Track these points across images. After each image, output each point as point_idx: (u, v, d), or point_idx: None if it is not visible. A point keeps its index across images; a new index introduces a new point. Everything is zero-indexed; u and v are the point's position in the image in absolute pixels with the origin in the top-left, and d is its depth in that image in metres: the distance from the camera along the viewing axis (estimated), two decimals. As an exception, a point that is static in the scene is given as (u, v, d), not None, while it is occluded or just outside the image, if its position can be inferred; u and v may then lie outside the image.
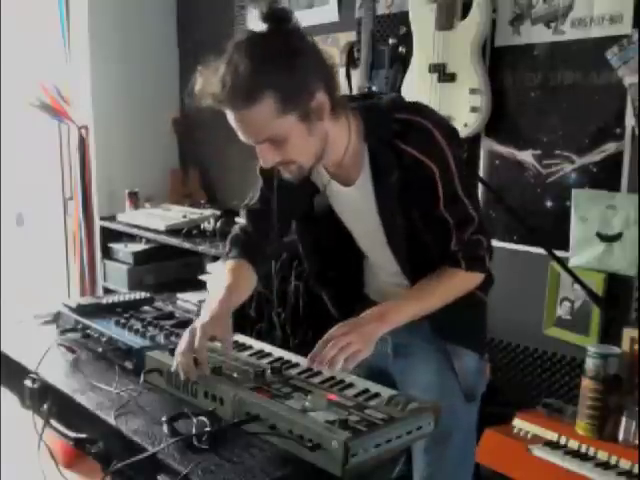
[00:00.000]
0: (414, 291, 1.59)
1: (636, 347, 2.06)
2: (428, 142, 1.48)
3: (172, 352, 1.54)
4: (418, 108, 1.57)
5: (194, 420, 1.30)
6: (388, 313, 1.52)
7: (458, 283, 1.58)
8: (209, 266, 3.11)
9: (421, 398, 1.39)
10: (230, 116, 1.42)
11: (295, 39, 1.42)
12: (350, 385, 1.43)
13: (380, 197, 1.54)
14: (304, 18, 3.17)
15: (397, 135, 1.48)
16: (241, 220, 1.77)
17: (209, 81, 1.40)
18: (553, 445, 2.03)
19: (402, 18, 2.67)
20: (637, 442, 1.94)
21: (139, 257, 3.37)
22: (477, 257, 1.57)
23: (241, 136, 1.46)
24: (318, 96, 1.41)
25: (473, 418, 1.71)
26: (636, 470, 1.85)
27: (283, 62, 1.37)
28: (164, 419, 1.33)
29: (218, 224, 3.06)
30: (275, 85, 1.35)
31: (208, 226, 3.09)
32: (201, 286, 3.11)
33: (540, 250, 2.31)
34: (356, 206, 1.60)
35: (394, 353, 1.72)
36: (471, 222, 1.54)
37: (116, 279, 3.43)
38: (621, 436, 1.98)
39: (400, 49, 2.67)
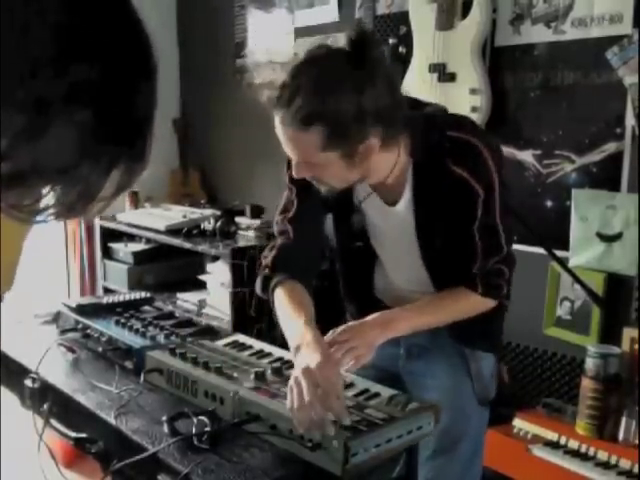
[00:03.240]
0: (424, 304, 1.57)
1: (636, 347, 2.06)
2: (480, 165, 1.44)
3: (172, 352, 1.55)
4: (470, 126, 1.52)
5: (194, 420, 1.30)
6: (393, 322, 1.50)
7: (470, 305, 1.57)
8: (209, 266, 3.11)
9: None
10: (279, 127, 1.38)
11: (371, 71, 1.33)
12: (350, 385, 1.43)
13: (420, 215, 1.51)
14: (304, 18, 3.21)
15: (449, 154, 1.43)
16: (279, 233, 1.67)
17: (272, 82, 1.35)
18: (553, 445, 2.03)
19: (402, 18, 2.67)
20: (637, 442, 1.94)
21: (139, 257, 3.37)
22: (496, 286, 1.56)
23: (282, 144, 1.42)
24: (370, 140, 1.35)
25: (484, 423, 1.69)
26: (636, 470, 1.85)
27: (344, 99, 1.30)
28: (164, 419, 1.33)
29: (218, 224, 3.05)
30: (326, 121, 1.31)
31: (208, 226, 3.09)
32: (201, 286, 3.11)
33: (540, 250, 2.31)
34: (396, 222, 1.56)
35: (407, 354, 1.69)
36: (500, 252, 1.53)
37: (116, 279, 3.43)
38: (621, 436, 1.98)
39: (400, 49, 2.68)
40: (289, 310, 1.51)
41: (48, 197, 0.55)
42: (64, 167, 0.53)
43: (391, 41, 2.71)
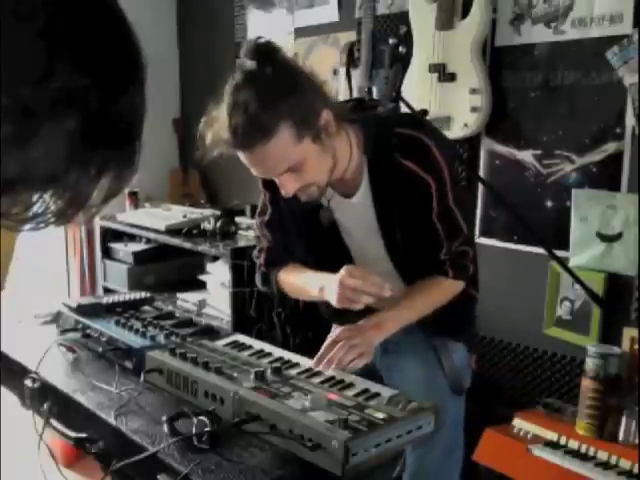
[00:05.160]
0: (406, 300, 1.64)
1: (636, 347, 2.06)
2: (426, 157, 1.54)
3: (172, 352, 1.55)
4: (417, 123, 1.64)
5: (194, 420, 1.30)
6: (384, 322, 1.59)
7: (444, 290, 1.66)
8: (209, 266, 3.11)
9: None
10: (246, 157, 1.46)
11: (287, 67, 1.46)
12: (350, 385, 1.43)
13: (379, 207, 1.60)
14: (304, 18, 3.21)
15: (397, 149, 1.54)
16: (260, 236, 1.81)
17: (218, 129, 1.44)
18: (553, 445, 2.03)
19: (402, 18, 2.67)
20: (637, 442, 1.94)
21: (139, 257, 3.37)
22: (463, 267, 1.65)
23: (259, 173, 1.50)
24: (323, 114, 1.45)
25: (460, 412, 1.76)
26: (636, 470, 1.85)
27: (287, 91, 1.41)
28: (164, 419, 1.33)
29: (218, 224, 3.05)
30: (287, 114, 1.39)
31: (208, 226, 3.08)
32: (201, 286, 3.11)
33: (540, 250, 2.31)
34: (356, 215, 1.65)
35: (382, 349, 1.74)
36: (460, 234, 1.61)
37: (116, 279, 3.43)
38: (621, 436, 1.98)
39: (400, 49, 2.67)
40: (299, 276, 1.70)
41: (37, 205, 0.55)
42: (52, 174, 0.53)
43: (391, 41, 2.70)
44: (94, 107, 0.52)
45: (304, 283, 1.68)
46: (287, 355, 1.61)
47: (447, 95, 2.45)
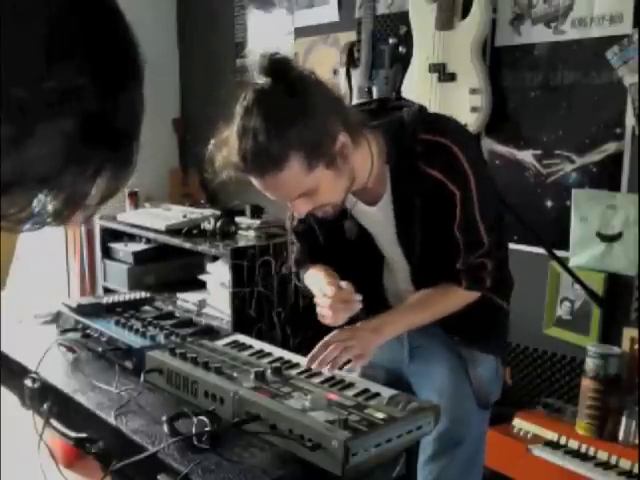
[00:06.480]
0: (411, 304, 1.61)
1: (636, 347, 2.06)
2: (453, 165, 1.46)
3: (172, 352, 1.55)
4: (444, 127, 1.53)
5: (194, 420, 1.30)
6: (382, 326, 1.56)
7: (454, 299, 1.60)
8: (209, 266, 3.11)
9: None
10: (257, 182, 1.41)
11: (302, 86, 1.36)
12: (350, 385, 1.43)
13: (398, 218, 1.55)
14: (304, 18, 3.21)
15: (421, 157, 1.46)
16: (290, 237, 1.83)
17: (227, 153, 1.38)
18: (553, 445, 2.03)
19: (402, 18, 2.67)
20: (637, 442, 1.94)
21: (139, 257, 3.37)
22: (478, 279, 1.58)
23: (272, 197, 1.45)
24: (339, 138, 1.38)
25: (484, 425, 1.70)
26: (636, 470, 1.85)
27: (300, 117, 1.32)
28: (164, 419, 1.33)
29: (218, 224, 3.05)
30: (298, 145, 1.32)
31: (208, 226, 3.08)
32: (201, 286, 3.11)
33: (540, 250, 2.31)
34: (378, 223, 1.60)
35: (410, 356, 1.72)
36: (480, 246, 1.54)
37: (116, 279, 3.43)
38: (621, 436, 1.98)
39: (400, 49, 2.68)
40: (313, 276, 1.68)
41: (34, 205, 0.55)
42: (49, 175, 0.53)
43: (391, 41, 2.71)
44: (91, 107, 0.52)
45: (313, 286, 1.68)
46: (287, 355, 1.61)
47: (447, 95, 2.45)
